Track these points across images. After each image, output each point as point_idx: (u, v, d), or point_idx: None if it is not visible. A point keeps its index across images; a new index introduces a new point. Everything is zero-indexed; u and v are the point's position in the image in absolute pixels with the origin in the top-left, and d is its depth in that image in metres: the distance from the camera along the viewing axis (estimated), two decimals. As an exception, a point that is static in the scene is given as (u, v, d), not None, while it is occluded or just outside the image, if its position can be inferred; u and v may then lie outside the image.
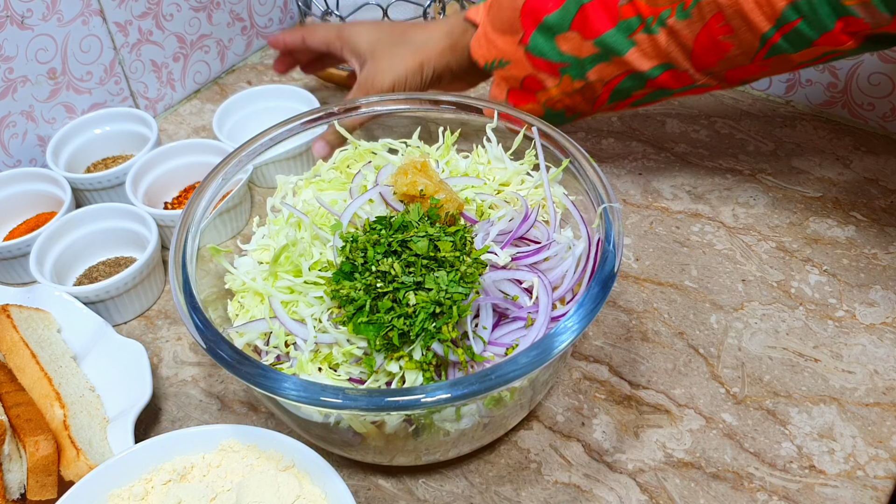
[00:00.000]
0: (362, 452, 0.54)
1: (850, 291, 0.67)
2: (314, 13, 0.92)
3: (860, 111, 0.84)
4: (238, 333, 0.53)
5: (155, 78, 0.90)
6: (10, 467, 0.53)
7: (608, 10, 0.60)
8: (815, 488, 0.54)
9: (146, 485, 0.50)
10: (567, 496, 0.55)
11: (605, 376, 0.62)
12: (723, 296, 0.67)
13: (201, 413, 0.62)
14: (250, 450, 0.51)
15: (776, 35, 0.57)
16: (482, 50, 0.65)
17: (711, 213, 0.75)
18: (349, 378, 0.50)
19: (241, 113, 0.84)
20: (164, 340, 0.68)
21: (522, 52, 0.63)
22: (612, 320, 0.66)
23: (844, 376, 0.61)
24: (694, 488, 0.55)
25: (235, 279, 0.56)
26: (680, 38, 0.59)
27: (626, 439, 0.58)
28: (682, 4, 0.58)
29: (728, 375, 0.61)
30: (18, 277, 0.72)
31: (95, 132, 0.82)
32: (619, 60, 0.62)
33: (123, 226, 0.72)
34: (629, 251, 0.72)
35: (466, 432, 0.52)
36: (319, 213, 0.58)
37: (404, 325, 0.47)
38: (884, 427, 0.57)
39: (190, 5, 0.89)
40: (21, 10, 0.74)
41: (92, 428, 0.57)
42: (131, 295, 0.67)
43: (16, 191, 0.75)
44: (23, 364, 0.59)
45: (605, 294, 0.48)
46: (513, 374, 0.44)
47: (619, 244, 0.51)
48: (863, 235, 0.72)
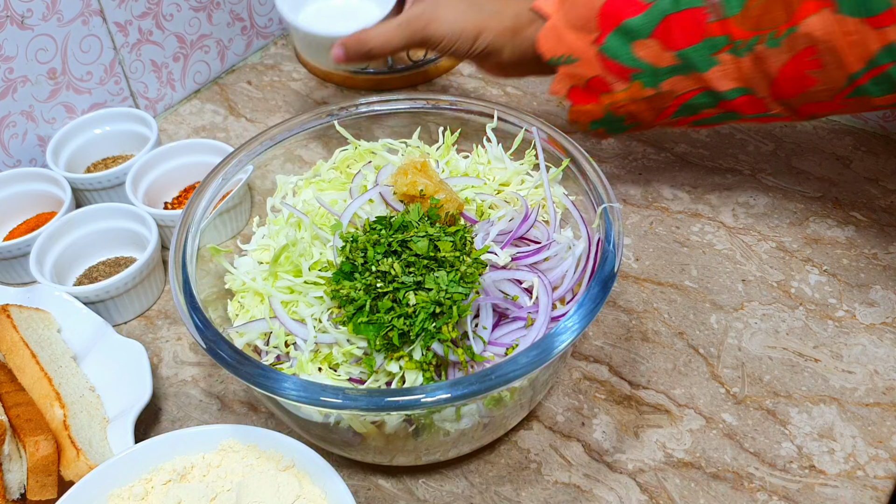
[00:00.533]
0: (362, 452, 0.54)
1: (850, 291, 0.67)
2: (314, 13, 0.92)
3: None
4: (238, 333, 0.53)
5: (155, 78, 0.90)
6: (10, 467, 0.53)
7: (695, 24, 0.59)
8: (815, 488, 0.54)
9: (146, 485, 0.50)
10: (567, 496, 0.55)
11: (605, 376, 0.62)
12: (723, 296, 0.67)
13: (201, 413, 0.62)
14: (250, 450, 0.51)
15: (865, 77, 0.56)
16: (550, 43, 0.63)
17: (711, 213, 0.75)
18: (349, 378, 0.50)
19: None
20: (164, 340, 0.68)
21: (595, 52, 0.61)
22: (612, 320, 0.66)
23: (844, 376, 0.61)
24: (694, 488, 0.55)
25: (235, 279, 0.56)
26: (765, 66, 0.58)
27: (626, 439, 0.58)
28: (775, 32, 0.56)
29: (728, 375, 0.61)
30: (18, 277, 0.72)
31: (95, 132, 0.82)
32: (698, 76, 0.61)
33: (123, 226, 0.72)
34: (629, 251, 0.72)
35: (466, 432, 0.52)
36: (319, 213, 0.58)
37: (404, 325, 0.47)
38: (884, 427, 0.57)
39: (190, 5, 0.89)
40: (21, 10, 0.74)
41: (92, 428, 0.57)
42: (131, 295, 0.67)
43: (16, 191, 0.75)
44: (23, 364, 0.59)
45: (605, 294, 0.48)
46: (513, 374, 0.44)
47: (619, 244, 0.51)
48: (863, 235, 0.72)
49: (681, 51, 0.60)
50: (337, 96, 0.93)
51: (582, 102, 0.65)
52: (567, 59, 0.62)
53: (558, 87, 0.65)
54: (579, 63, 0.62)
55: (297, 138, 0.63)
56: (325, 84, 0.95)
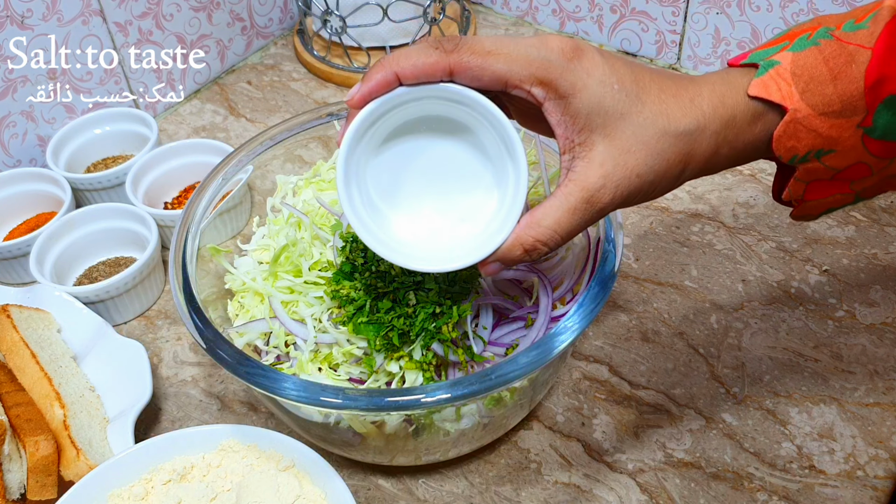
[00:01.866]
0: (362, 452, 0.54)
1: (850, 291, 0.67)
2: (314, 13, 0.92)
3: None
4: (238, 333, 0.53)
5: (155, 78, 0.90)
6: (10, 467, 0.53)
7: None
8: (815, 488, 0.54)
9: (146, 485, 0.50)
10: (567, 496, 0.55)
11: (605, 376, 0.62)
12: (723, 296, 0.67)
13: (201, 413, 0.62)
14: (250, 450, 0.51)
15: None
16: (794, 141, 0.46)
17: (711, 213, 0.75)
18: (349, 378, 0.50)
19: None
20: (164, 340, 0.68)
21: (859, 137, 0.47)
22: (612, 320, 0.66)
23: (844, 376, 0.61)
24: (694, 488, 0.55)
25: (235, 279, 0.56)
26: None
27: (626, 439, 0.58)
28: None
29: (728, 375, 0.61)
30: (18, 277, 0.72)
31: (95, 132, 0.82)
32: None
33: (123, 226, 0.72)
34: (629, 251, 0.72)
35: (466, 432, 0.52)
36: (319, 213, 0.58)
37: (404, 325, 0.47)
38: (884, 427, 0.57)
39: (190, 5, 0.89)
40: (21, 10, 0.74)
41: (92, 428, 0.57)
42: (131, 295, 0.67)
43: (16, 191, 0.75)
44: (23, 364, 0.59)
45: (605, 294, 0.48)
46: (513, 374, 0.44)
47: (619, 244, 0.51)
48: (863, 235, 0.72)
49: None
50: (337, 96, 0.93)
51: (822, 196, 0.50)
52: (818, 152, 0.47)
53: (796, 190, 0.48)
54: (835, 154, 0.48)
55: (297, 138, 0.63)
56: (325, 84, 0.95)
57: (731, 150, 0.46)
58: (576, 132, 0.42)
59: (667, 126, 0.43)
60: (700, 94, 0.45)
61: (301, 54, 0.97)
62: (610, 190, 0.43)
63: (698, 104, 0.44)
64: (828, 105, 0.46)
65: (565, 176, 0.43)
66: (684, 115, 0.43)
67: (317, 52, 0.96)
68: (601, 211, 0.43)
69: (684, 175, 0.45)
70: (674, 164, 0.44)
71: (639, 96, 0.43)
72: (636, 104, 0.43)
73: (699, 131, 0.44)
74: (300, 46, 0.97)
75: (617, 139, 0.42)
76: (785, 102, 0.45)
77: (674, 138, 0.43)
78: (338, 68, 0.93)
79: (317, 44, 0.96)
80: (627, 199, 0.44)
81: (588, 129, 0.42)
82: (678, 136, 0.43)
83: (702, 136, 0.44)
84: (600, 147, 0.42)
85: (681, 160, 0.44)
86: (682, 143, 0.44)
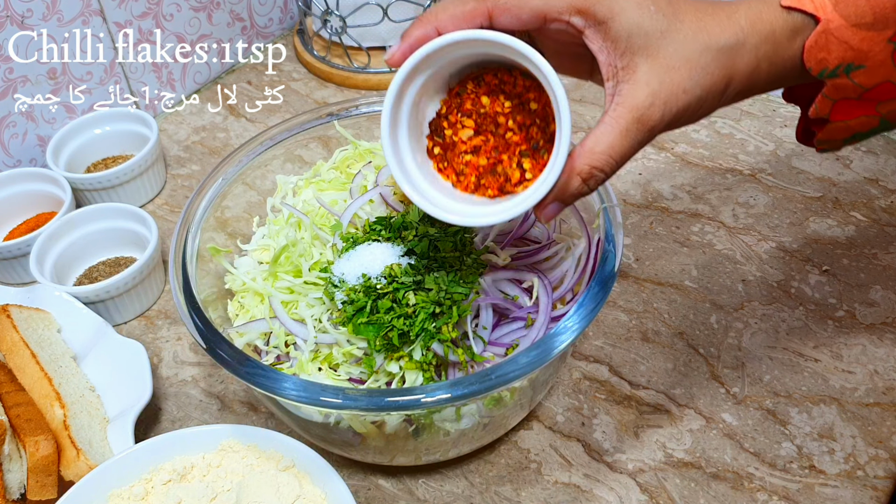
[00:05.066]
0: (362, 452, 0.54)
1: (850, 291, 0.67)
2: (314, 13, 0.92)
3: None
4: (238, 333, 0.53)
5: (155, 78, 0.90)
6: (10, 467, 0.53)
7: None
8: (815, 488, 0.54)
9: (146, 485, 0.50)
10: (567, 496, 0.55)
11: (605, 376, 0.62)
12: (723, 296, 0.67)
13: (201, 413, 0.62)
14: (250, 450, 0.51)
15: None
16: (824, 52, 0.47)
17: (711, 213, 0.75)
18: (349, 378, 0.50)
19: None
20: (164, 340, 0.68)
21: (889, 53, 0.47)
22: (612, 320, 0.66)
23: (844, 376, 0.61)
24: (694, 488, 0.55)
25: (235, 279, 0.56)
26: None
27: (626, 439, 0.58)
28: None
29: (728, 375, 0.61)
30: (18, 277, 0.72)
31: (95, 132, 0.82)
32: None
33: (123, 226, 0.72)
34: (629, 251, 0.72)
35: (466, 432, 0.52)
36: (319, 213, 0.58)
37: (404, 325, 0.47)
38: (884, 427, 0.57)
39: (190, 5, 0.89)
40: (21, 10, 0.74)
41: (92, 428, 0.57)
42: (131, 295, 0.67)
43: (16, 191, 0.75)
44: (23, 364, 0.59)
45: (605, 294, 0.48)
46: (513, 374, 0.44)
47: (619, 244, 0.51)
48: (863, 235, 0.72)
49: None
50: (337, 96, 0.93)
51: (847, 117, 0.50)
52: (847, 67, 0.48)
53: (822, 107, 0.49)
54: (864, 70, 0.48)
55: (297, 138, 0.63)
56: (325, 84, 0.95)
57: (770, 65, 0.46)
58: (618, 56, 0.43)
59: (708, 41, 0.43)
60: (737, 11, 0.46)
61: (301, 54, 0.97)
62: (659, 107, 0.43)
63: (736, 20, 0.45)
64: (860, 16, 0.46)
65: (611, 101, 0.43)
66: (723, 31, 0.44)
67: (317, 52, 0.96)
68: (651, 130, 0.43)
69: (728, 91, 0.46)
70: (718, 80, 0.44)
71: (676, 15, 0.43)
72: (675, 22, 0.43)
73: (739, 45, 0.44)
74: (300, 46, 0.97)
75: (660, 58, 0.43)
76: (818, 13, 0.45)
77: (716, 52, 0.44)
78: (338, 68, 0.93)
79: (317, 44, 0.96)
80: (676, 117, 0.44)
81: (630, 51, 0.42)
82: (720, 50, 0.44)
83: (742, 51, 0.45)
84: (644, 67, 0.43)
85: (724, 75, 0.44)
86: (725, 57, 0.44)
